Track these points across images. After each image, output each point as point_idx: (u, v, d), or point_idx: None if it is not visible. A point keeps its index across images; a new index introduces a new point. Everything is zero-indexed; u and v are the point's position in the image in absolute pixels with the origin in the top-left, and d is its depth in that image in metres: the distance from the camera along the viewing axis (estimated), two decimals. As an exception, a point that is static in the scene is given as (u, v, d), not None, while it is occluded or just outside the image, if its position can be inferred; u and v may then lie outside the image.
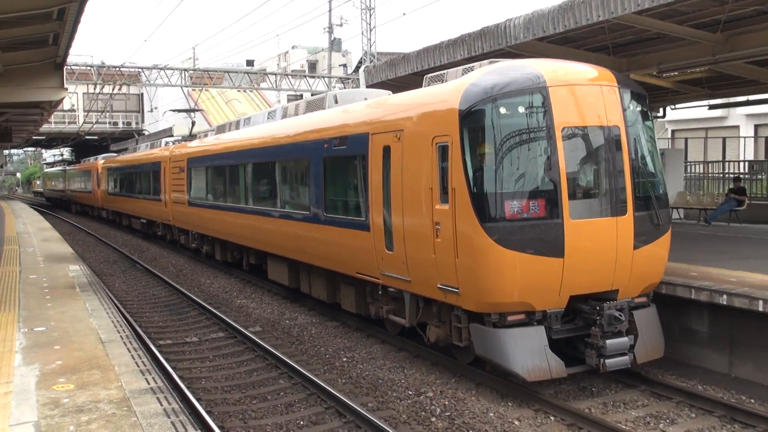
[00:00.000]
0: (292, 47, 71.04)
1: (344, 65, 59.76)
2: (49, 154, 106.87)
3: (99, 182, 43.23)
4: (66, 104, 51.22)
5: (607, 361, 9.36)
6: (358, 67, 41.05)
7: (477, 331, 9.71)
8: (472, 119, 9.41)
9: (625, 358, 9.59)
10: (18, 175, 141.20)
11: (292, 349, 12.72)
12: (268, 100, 59.37)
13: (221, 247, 21.77)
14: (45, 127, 48.89)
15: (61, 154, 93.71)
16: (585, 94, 9.80)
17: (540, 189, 9.41)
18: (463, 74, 10.58)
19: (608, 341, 9.36)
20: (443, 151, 9.72)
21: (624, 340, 9.59)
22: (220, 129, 22.81)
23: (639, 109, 10.36)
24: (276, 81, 44.19)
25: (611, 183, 9.70)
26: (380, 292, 11.99)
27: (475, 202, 9.13)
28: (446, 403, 9.67)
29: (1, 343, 10.06)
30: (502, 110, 9.41)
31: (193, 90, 45.37)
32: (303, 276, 15.73)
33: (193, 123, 32.83)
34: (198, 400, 9.61)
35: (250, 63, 70.85)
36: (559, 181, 9.26)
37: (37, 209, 55.79)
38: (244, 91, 53.13)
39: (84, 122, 55.95)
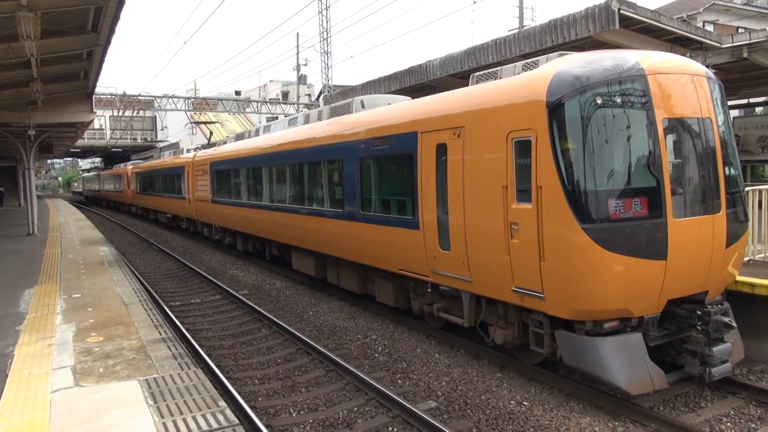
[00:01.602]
0: (270, 81, 69.82)
1: (309, 95, 59.17)
2: (84, 163, 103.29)
3: (129, 183, 40.73)
4: (96, 124, 49.67)
5: (712, 369, 6.70)
6: (319, 96, 40.71)
7: (566, 340, 6.92)
8: (563, 111, 6.71)
9: (729, 365, 6.88)
10: (59, 179, 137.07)
11: (272, 307, 12.59)
12: (252, 120, 58.47)
13: (243, 239, 19.10)
14: (79, 142, 47.32)
15: (93, 163, 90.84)
16: (680, 84, 7.15)
17: (642, 186, 6.78)
18: (524, 70, 7.91)
19: (714, 348, 6.75)
20: (522, 146, 7.04)
21: (727, 346, 6.89)
22: (239, 137, 20.06)
23: (721, 99, 7.59)
24: (258, 106, 43.71)
25: (707, 179, 7.12)
26: (429, 290, 9.29)
27: (572, 201, 6.50)
28: (386, 342, 9.70)
29: (46, 307, 9.74)
30: (599, 100, 6.71)
31: (194, 113, 44.39)
32: (330, 268, 13.04)
33: (211, 133, 30.54)
34: (200, 346, 9.44)
35: (237, 92, 69.55)
36: (662, 177, 6.69)
37: (74, 205, 53.95)
38: (233, 114, 52.27)
39: (110, 138, 54.59)
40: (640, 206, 6.68)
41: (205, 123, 33.43)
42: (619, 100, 6.82)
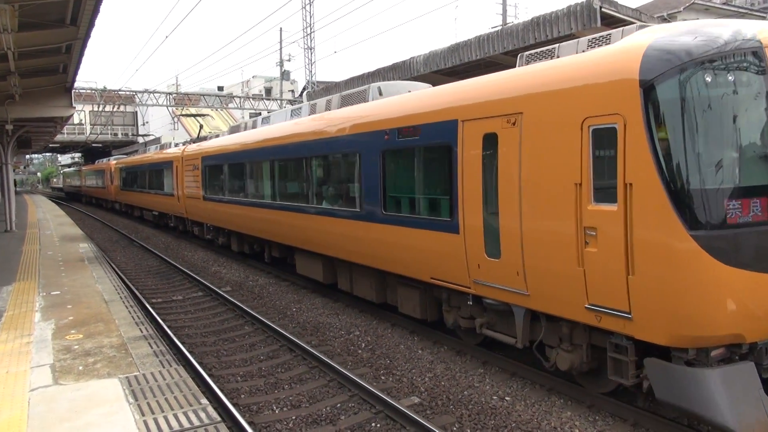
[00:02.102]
0: (253, 76, 69.33)
1: (292, 90, 58.94)
2: (64, 158, 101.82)
3: (112, 179, 38.89)
4: (75, 119, 48.92)
5: None
6: (302, 92, 40.55)
7: (661, 370, 5.66)
8: (662, 92, 5.37)
9: None
10: (38, 174, 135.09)
11: (255, 303, 12.53)
12: (235, 116, 58.07)
13: (238, 239, 17.50)
14: (59, 137, 46.70)
15: (73, 158, 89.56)
16: None
17: (764, 183, 5.47)
18: (590, 47, 6.67)
19: None
20: (603, 135, 5.79)
21: None
22: (234, 129, 18.36)
23: None
24: (240, 102, 43.45)
25: None
26: (469, 303, 7.88)
27: (676, 202, 5.24)
28: (369, 339, 9.71)
29: (24, 305, 9.60)
30: (708, 78, 5.37)
31: (176, 109, 43.94)
32: (342, 273, 11.65)
33: (201, 126, 28.35)
34: (182, 343, 9.36)
35: (220, 88, 68.99)
36: None
37: (53, 201, 53.20)
38: (216, 110, 51.85)
39: (90, 133, 53.85)
40: (759, 209, 5.38)
41: (194, 116, 32.49)
42: (732, 78, 5.48)
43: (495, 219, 7.10)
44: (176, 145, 26.52)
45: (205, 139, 21.93)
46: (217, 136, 20.69)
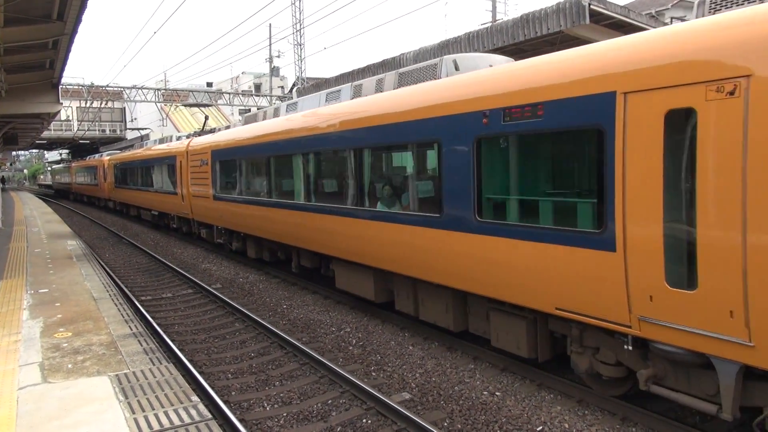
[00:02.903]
0: (242, 72, 69.03)
1: (282, 87, 58.74)
2: (52, 154, 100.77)
3: (106, 176, 36.32)
4: (62, 115, 48.58)
5: None
6: (292, 88, 40.39)
7: None
8: None
9: None
10: (25, 171, 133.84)
11: (245, 300, 12.50)
12: (225, 113, 57.81)
13: (256, 245, 15.43)
14: (45, 134, 46.36)
15: (61, 155, 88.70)
16: None
17: None
18: None
19: None
20: None
21: None
22: (250, 119, 15.87)
23: None
24: (230, 98, 43.26)
25: None
26: (627, 347, 5.84)
27: None
28: (360, 335, 9.72)
29: (12, 303, 9.51)
30: None
31: (165, 105, 43.65)
32: (401, 291, 9.57)
33: (206, 117, 26.08)
34: (172, 341, 9.33)
35: (209, 84, 68.65)
36: None
37: (41, 198, 52.71)
38: (208, 107, 51.61)
39: (77, 130, 53.39)
40: None
41: (198, 105, 31.22)
42: None
43: (687, 231, 5.10)
44: (178, 138, 24.26)
45: (213, 131, 19.72)
46: (228, 128, 18.34)
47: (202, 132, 21.32)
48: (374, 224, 9.31)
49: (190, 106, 32.14)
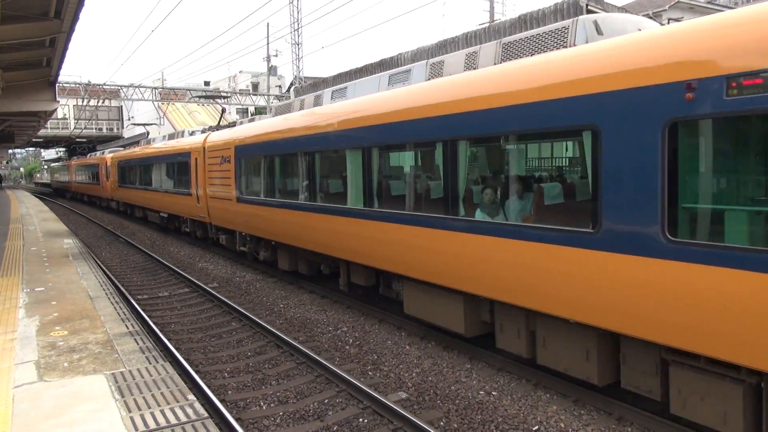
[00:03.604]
0: (239, 71, 68.96)
1: (279, 86, 58.69)
2: (49, 153, 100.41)
3: (108, 174, 34.01)
4: (59, 113, 48.50)
5: None
6: (290, 88, 40.38)
7: None
8: None
9: None
10: (21, 169, 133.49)
11: (242, 299, 12.49)
12: (222, 112, 57.80)
13: (290, 255, 13.29)
14: (42, 132, 46.26)
15: (57, 153, 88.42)
16: None
17: None
18: None
19: None
20: None
21: None
22: (282, 109, 13.73)
23: None
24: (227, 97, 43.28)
25: None
26: None
27: None
28: (356, 335, 9.72)
29: (8, 301, 9.49)
30: None
31: (162, 103, 43.58)
32: (505, 324, 7.59)
33: (223, 110, 24.18)
34: (169, 339, 9.33)
35: (207, 83, 68.56)
36: None
37: (37, 196, 52.57)
38: (203, 105, 51.50)
39: (74, 128, 53.25)
40: None
41: (212, 97, 29.92)
42: None
43: None
44: (191, 133, 21.90)
45: (232, 125, 17.43)
46: (252, 120, 16.42)
47: (218, 126, 18.94)
48: (473, 238, 7.29)
49: (207, 97, 31.15)
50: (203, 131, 20.54)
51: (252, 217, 14.26)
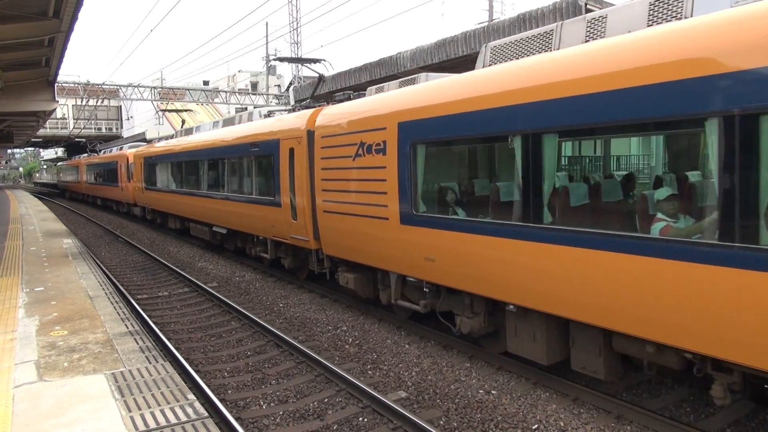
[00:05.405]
0: (239, 71, 68.94)
1: (278, 86, 58.70)
2: (48, 153, 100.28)
3: (130, 175, 28.07)
4: (58, 113, 48.42)
5: None
6: (289, 87, 40.36)
7: None
8: None
9: None
10: (20, 169, 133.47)
11: (241, 299, 12.50)
12: (220, 111, 57.78)
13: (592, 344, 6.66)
14: (41, 132, 46.24)
15: (56, 153, 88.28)
16: None
17: None
18: None
19: None
20: None
21: None
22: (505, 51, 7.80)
23: None
24: (226, 97, 43.27)
25: None
26: None
27: None
28: (356, 334, 9.73)
29: (7, 301, 9.49)
30: None
31: (161, 103, 43.56)
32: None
33: (320, 78, 15.68)
34: (168, 339, 9.34)
35: (206, 82, 68.54)
36: None
37: (36, 196, 52.57)
38: (202, 104, 51.52)
39: (73, 128, 53.21)
40: None
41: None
42: None
43: None
44: (268, 114, 14.90)
45: (354, 96, 11.27)
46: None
47: (330, 100, 12.43)
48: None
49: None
50: (295, 108, 13.93)
51: (463, 257, 7.53)
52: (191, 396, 5.72)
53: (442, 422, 6.46)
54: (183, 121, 26.73)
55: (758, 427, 6.11)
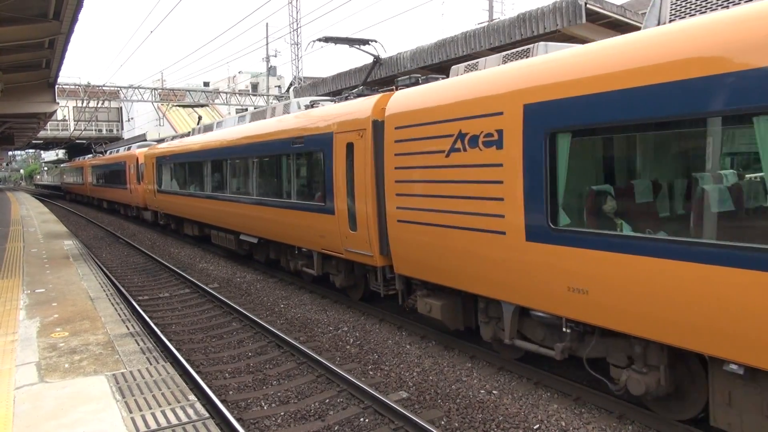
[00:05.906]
0: (239, 72, 69.01)
1: (279, 86, 58.76)
2: (49, 154, 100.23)
3: (141, 176, 26.01)
4: (59, 115, 48.42)
5: None
6: (289, 88, 40.38)
7: None
8: None
9: None
10: (21, 171, 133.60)
11: (242, 300, 12.49)
12: (221, 112, 57.85)
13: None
14: (42, 133, 46.29)
15: (57, 155, 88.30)
16: None
17: None
18: None
19: None
20: None
21: None
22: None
23: None
24: (227, 98, 43.30)
25: None
26: None
27: None
28: (357, 334, 9.72)
29: (8, 303, 9.50)
30: None
31: (162, 104, 43.61)
32: None
33: (376, 59, 14.03)
34: (170, 340, 9.34)
35: (206, 83, 68.60)
36: None
37: (37, 198, 52.61)
38: (202, 106, 51.61)
39: (74, 129, 53.26)
40: None
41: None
42: None
43: None
44: (311, 105, 12.34)
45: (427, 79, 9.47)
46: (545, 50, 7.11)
47: (366, 86, 11.60)
48: None
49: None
50: (359, 93, 11.01)
51: (643, 290, 5.32)
52: (192, 397, 5.71)
53: (443, 422, 6.45)
54: (199, 117, 25.73)
55: None
